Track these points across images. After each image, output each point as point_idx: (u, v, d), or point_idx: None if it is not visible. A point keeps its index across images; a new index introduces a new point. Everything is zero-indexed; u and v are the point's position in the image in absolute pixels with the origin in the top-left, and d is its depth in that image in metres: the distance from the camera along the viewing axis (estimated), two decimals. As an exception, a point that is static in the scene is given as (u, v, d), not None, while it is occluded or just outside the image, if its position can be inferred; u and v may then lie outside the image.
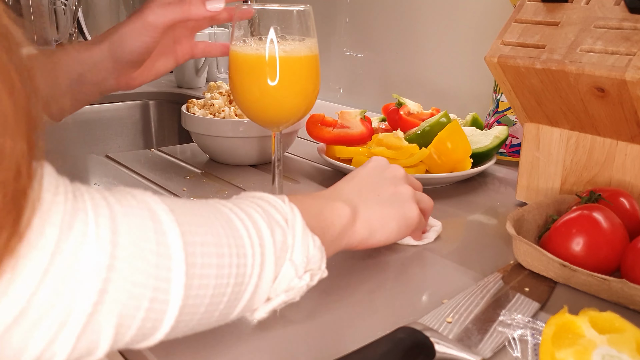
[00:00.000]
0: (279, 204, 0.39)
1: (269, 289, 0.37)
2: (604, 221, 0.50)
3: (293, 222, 0.39)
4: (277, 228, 0.38)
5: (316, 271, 0.41)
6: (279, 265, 0.38)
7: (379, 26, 1.21)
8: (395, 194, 0.51)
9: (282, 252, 0.38)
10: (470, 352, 0.39)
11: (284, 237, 0.38)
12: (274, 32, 0.54)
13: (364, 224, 0.48)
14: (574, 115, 0.61)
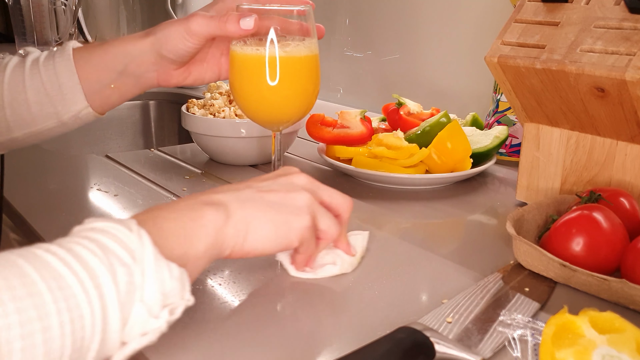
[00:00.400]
0: (124, 235, 0.34)
1: (120, 337, 0.33)
2: (604, 221, 0.50)
3: (142, 256, 0.34)
4: (120, 268, 0.33)
5: (178, 303, 0.36)
6: (127, 310, 0.33)
7: (379, 26, 1.21)
8: (285, 198, 0.45)
9: (128, 295, 0.33)
10: (470, 352, 0.39)
11: (130, 277, 0.33)
12: (274, 32, 0.54)
13: (237, 227, 0.42)
14: (574, 115, 0.61)
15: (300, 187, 0.47)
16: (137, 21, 2.14)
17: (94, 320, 0.31)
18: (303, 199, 0.46)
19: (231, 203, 0.42)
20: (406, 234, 0.61)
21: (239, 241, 0.42)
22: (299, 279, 0.50)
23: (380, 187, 0.76)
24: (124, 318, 0.33)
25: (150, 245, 0.35)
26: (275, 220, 0.44)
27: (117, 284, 0.32)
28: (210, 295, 0.48)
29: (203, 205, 0.41)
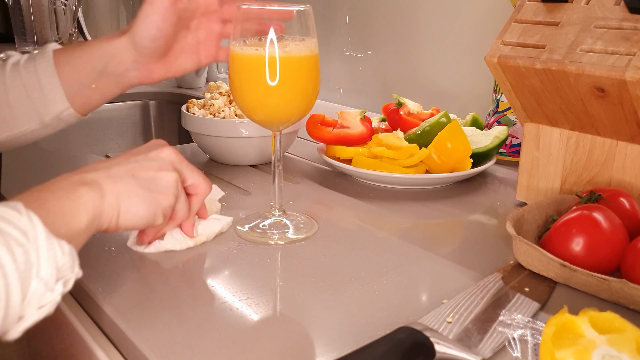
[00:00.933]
0: (15, 218, 0.36)
1: (20, 310, 0.36)
2: (604, 221, 0.50)
3: (34, 235, 0.37)
4: (17, 248, 0.35)
5: (69, 276, 0.39)
6: (26, 286, 0.36)
7: (379, 26, 1.21)
8: (152, 179, 0.48)
9: (27, 272, 0.36)
10: (470, 352, 0.39)
11: (27, 256, 0.36)
12: (274, 32, 0.54)
13: (111, 205, 0.45)
14: (574, 115, 0.61)
15: (168, 164, 0.50)
16: (137, 21, 2.14)
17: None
18: (170, 179, 0.50)
19: (104, 181, 0.45)
20: (406, 234, 0.61)
21: (114, 217, 0.46)
22: (300, 279, 0.51)
23: (380, 187, 0.76)
24: (24, 292, 0.36)
25: (40, 226, 0.37)
26: (146, 199, 0.47)
27: (16, 262, 0.35)
28: (210, 295, 0.48)
29: (78, 185, 0.44)
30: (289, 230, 0.60)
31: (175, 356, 0.40)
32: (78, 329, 0.49)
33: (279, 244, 0.58)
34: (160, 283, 0.50)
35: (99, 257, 0.54)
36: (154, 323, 0.44)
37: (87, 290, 0.49)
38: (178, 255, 0.55)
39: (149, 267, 0.53)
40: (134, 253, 0.55)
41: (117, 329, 0.44)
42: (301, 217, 0.64)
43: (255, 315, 0.45)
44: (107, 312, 0.46)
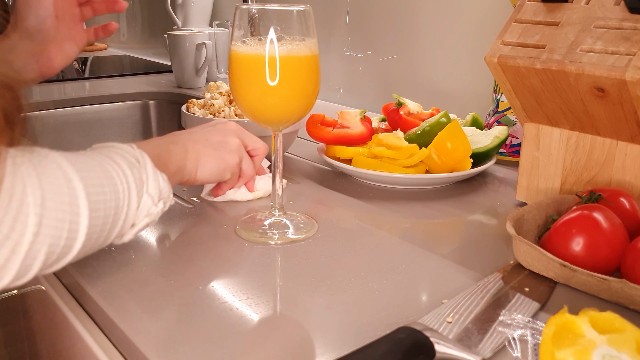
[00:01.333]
0: (130, 150, 0.49)
1: (134, 215, 0.47)
2: (604, 221, 0.50)
3: (144, 163, 0.49)
4: (134, 168, 0.47)
5: (167, 199, 0.51)
6: (140, 196, 0.47)
7: (379, 26, 1.21)
8: (222, 142, 0.62)
9: (140, 187, 0.47)
10: (470, 352, 0.39)
11: (140, 175, 0.48)
12: (274, 32, 0.54)
13: (192, 160, 0.59)
14: (574, 115, 0.61)
15: (233, 132, 0.64)
16: (137, 21, 2.14)
17: (124, 196, 0.45)
18: (235, 142, 0.63)
19: (187, 142, 0.59)
20: (406, 234, 0.61)
21: (194, 170, 0.59)
22: (300, 279, 0.51)
23: (380, 187, 0.76)
24: (138, 201, 0.47)
25: (147, 158, 0.49)
26: (218, 157, 0.61)
27: (134, 177, 0.47)
28: (210, 295, 0.48)
29: (169, 143, 0.57)
30: (289, 230, 0.60)
31: (175, 356, 0.40)
32: (78, 329, 0.49)
33: (279, 244, 0.58)
34: (160, 283, 0.50)
35: (98, 257, 0.54)
36: (154, 323, 0.44)
37: (87, 290, 0.49)
38: (178, 254, 0.55)
39: (149, 267, 0.53)
40: (135, 254, 0.55)
41: (117, 329, 0.44)
42: (301, 217, 0.64)
43: (255, 315, 0.45)
44: (108, 312, 0.46)
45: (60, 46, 0.71)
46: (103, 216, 0.43)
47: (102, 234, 0.44)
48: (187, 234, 0.60)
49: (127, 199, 0.46)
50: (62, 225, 0.40)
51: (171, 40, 1.42)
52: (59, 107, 1.33)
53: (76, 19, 0.73)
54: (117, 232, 0.46)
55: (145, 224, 0.49)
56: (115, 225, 0.45)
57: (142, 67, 1.81)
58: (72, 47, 0.73)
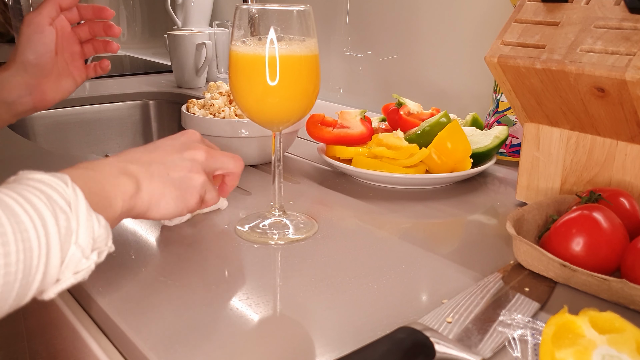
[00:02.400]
0: (61, 188, 0.40)
1: (58, 272, 0.39)
2: (604, 221, 0.50)
3: (76, 206, 0.40)
4: (61, 214, 0.39)
5: (103, 248, 0.43)
6: (65, 250, 0.39)
7: (379, 26, 1.21)
8: (185, 179, 0.54)
9: (67, 237, 0.39)
10: (470, 352, 0.39)
11: (68, 223, 0.39)
12: (274, 32, 0.54)
13: (145, 199, 0.50)
14: (574, 115, 0.61)
15: (199, 165, 0.55)
16: (137, 21, 2.14)
17: (40, 253, 0.38)
18: (199, 180, 0.54)
19: (143, 177, 0.50)
20: (406, 234, 0.61)
21: (144, 209, 0.50)
22: (300, 279, 0.51)
23: (380, 187, 0.76)
24: (63, 256, 0.39)
25: (83, 199, 0.41)
26: (176, 197, 0.52)
27: (58, 227, 0.39)
28: (211, 295, 0.48)
29: (121, 174, 0.48)
30: (289, 230, 0.60)
31: (175, 356, 0.40)
32: (78, 329, 0.49)
33: (279, 244, 0.58)
34: (160, 283, 0.50)
35: (99, 257, 0.54)
36: (154, 323, 0.44)
37: (87, 290, 0.49)
38: (178, 254, 0.55)
39: (149, 268, 0.53)
40: (134, 254, 0.55)
41: (117, 329, 0.44)
42: (301, 217, 0.64)
43: (255, 315, 0.45)
44: (107, 312, 0.46)
45: (57, 81, 0.74)
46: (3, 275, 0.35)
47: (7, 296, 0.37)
48: (187, 234, 0.60)
49: (44, 256, 0.38)
50: None
51: (171, 40, 1.42)
52: (59, 107, 1.33)
53: (76, 56, 0.76)
54: (32, 292, 0.39)
55: (74, 282, 0.41)
56: (27, 284, 0.38)
57: (142, 67, 1.81)
58: (69, 83, 0.76)
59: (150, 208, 0.50)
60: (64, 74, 0.75)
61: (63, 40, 0.74)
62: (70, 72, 0.76)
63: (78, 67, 0.77)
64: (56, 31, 0.73)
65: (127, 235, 0.59)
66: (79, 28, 0.77)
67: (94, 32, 0.77)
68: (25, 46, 0.70)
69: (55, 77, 0.74)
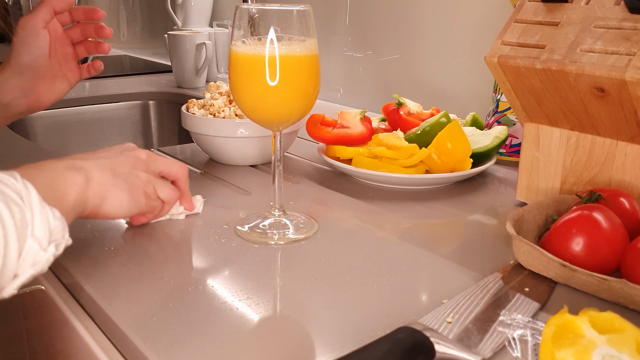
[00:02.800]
0: (11, 183, 0.40)
1: (16, 266, 0.39)
2: (604, 221, 0.50)
3: (29, 199, 0.40)
4: (15, 207, 0.39)
5: (60, 240, 0.42)
6: (22, 242, 0.39)
7: (379, 26, 1.21)
8: (131, 174, 0.54)
9: (22, 229, 0.39)
10: (470, 352, 0.39)
11: (22, 215, 0.39)
12: (274, 32, 0.54)
13: (97, 191, 0.50)
14: (574, 115, 0.61)
15: (141, 163, 0.56)
16: (137, 21, 2.14)
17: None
18: (143, 176, 0.55)
19: (92, 169, 0.50)
20: (406, 234, 0.61)
21: (97, 203, 0.50)
22: (300, 279, 0.51)
23: (380, 187, 0.76)
24: (20, 249, 0.39)
25: (34, 191, 0.41)
26: (126, 191, 0.53)
27: (14, 219, 0.38)
28: (210, 295, 0.48)
29: (68, 169, 0.48)
30: (289, 230, 0.60)
31: (175, 356, 0.40)
32: (78, 329, 0.49)
33: (279, 244, 0.58)
34: (160, 283, 0.50)
35: (98, 257, 0.54)
36: (154, 323, 0.44)
37: (87, 290, 0.49)
38: (178, 255, 0.55)
39: (148, 268, 0.53)
40: (134, 253, 0.55)
41: (116, 329, 0.44)
42: (301, 217, 0.64)
43: (255, 315, 0.45)
44: (107, 312, 0.46)
45: (51, 83, 0.75)
46: None
47: None
48: (187, 234, 0.60)
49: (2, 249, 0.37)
50: None
51: (171, 40, 1.42)
52: (59, 107, 1.33)
53: (69, 58, 0.78)
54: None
55: (33, 274, 0.40)
56: None
57: (142, 67, 1.81)
58: (63, 84, 0.77)
59: (104, 202, 0.50)
60: (58, 75, 0.76)
61: (56, 42, 0.76)
62: (64, 73, 0.77)
63: (71, 69, 0.78)
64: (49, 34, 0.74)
65: (127, 235, 0.59)
66: (70, 30, 0.78)
67: (85, 34, 0.78)
68: (20, 49, 0.71)
69: (49, 79, 0.75)
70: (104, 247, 0.56)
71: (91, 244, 0.57)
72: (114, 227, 0.61)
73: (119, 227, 0.61)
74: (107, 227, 0.61)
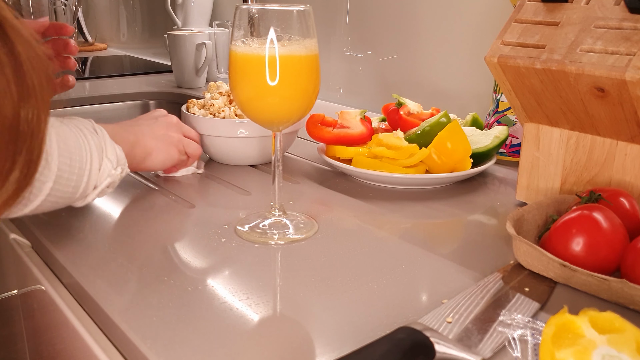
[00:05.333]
0: (89, 124, 0.58)
1: (97, 177, 0.56)
2: (604, 221, 0.50)
3: (102, 134, 0.58)
4: (94, 135, 0.56)
5: (124, 166, 0.59)
6: (100, 159, 0.56)
7: (379, 26, 1.21)
8: (165, 135, 0.71)
9: (99, 151, 0.56)
10: (470, 352, 0.39)
11: (99, 141, 0.57)
12: (274, 32, 0.54)
13: (141, 152, 0.67)
14: (574, 115, 0.61)
15: (174, 125, 0.74)
16: (137, 21, 2.14)
17: (87, 161, 0.55)
18: (175, 136, 0.73)
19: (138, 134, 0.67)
20: (406, 234, 0.61)
21: (141, 159, 0.67)
22: (300, 279, 0.51)
23: (380, 187, 0.76)
24: (99, 163, 0.56)
25: (104, 131, 0.59)
26: (162, 149, 0.70)
27: (95, 143, 0.56)
28: (210, 295, 0.48)
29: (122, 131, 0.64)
30: (289, 230, 0.60)
31: (175, 356, 0.40)
32: (78, 329, 0.49)
33: (279, 244, 0.58)
34: (160, 283, 0.50)
35: (98, 257, 0.54)
36: (154, 323, 0.44)
37: (87, 290, 0.49)
38: (178, 255, 0.55)
39: (148, 267, 0.53)
40: (134, 253, 0.55)
41: (116, 329, 0.44)
42: (301, 217, 0.64)
43: (255, 315, 0.45)
44: (107, 312, 0.46)
45: None
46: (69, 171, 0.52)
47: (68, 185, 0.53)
48: (187, 234, 0.60)
49: (89, 162, 0.54)
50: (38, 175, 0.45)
51: (171, 40, 1.42)
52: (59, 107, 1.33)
53: None
54: (82, 188, 0.55)
55: (108, 184, 0.57)
56: (79, 179, 0.54)
57: (142, 67, 1.81)
58: None
59: (146, 158, 0.68)
60: None
61: None
62: None
63: None
64: None
65: (127, 235, 0.59)
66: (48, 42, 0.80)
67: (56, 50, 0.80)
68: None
69: None
70: (104, 247, 0.56)
71: (91, 244, 0.57)
72: (114, 227, 0.61)
73: (119, 227, 0.61)
74: (108, 227, 0.61)
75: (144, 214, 0.65)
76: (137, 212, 0.65)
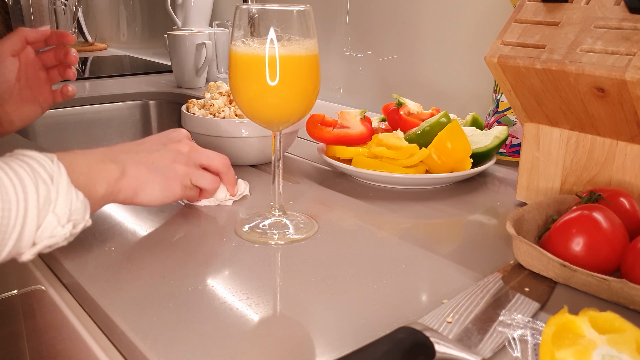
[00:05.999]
0: (47, 164, 0.46)
1: (33, 236, 0.45)
2: (604, 221, 0.50)
3: (58, 180, 0.46)
4: (42, 185, 0.45)
5: (79, 221, 0.48)
6: (42, 217, 0.45)
7: (379, 26, 1.21)
8: (170, 167, 0.60)
9: (45, 206, 0.45)
10: (470, 352, 0.39)
11: (48, 193, 0.45)
12: (274, 32, 0.54)
13: (131, 183, 0.55)
14: (574, 115, 0.61)
15: (182, 157, 0.61)
16: (137, 21, 2.14)
17: (17, 215, 0.43)
18: (181, 169, 0.60)
19: (129, 164, 0.56)
20: (406, 234, 0.61)
21: (131, 193, 0.56)
22: (300, 279, 0.51)
23: (380, 187, 0.76)
24: (39, 222, 0.45)
25: (65, 175, 0.47)
26: (160, 183, 0.58)
27: (38, 195, 0.44)
28: (210, 295, 0.48)
29: (107, 160, 0.54)
30: (289, 230, 0.60)
31: (175, 356, 0.40)
32: (78, 329, 0.49)
33: (279, 244, 0.58)
34: (160, 283, 0.50)
35: (98, 257, 0.54)
36: (154, 323, 0.44)
37: (87, 290, 0.49)
38: (178, 255, 0.55)
39: (149, 267, 0.53)
40: (134, 253, 0.55)
41: (117, 329, 0.44)
42: (301, 217, 0.64)
43: (255, 315, 0.45)
44: (107, 312, 0.46)
45: (20, 107, 0.77)
46: None
47: None
48: (187, 233, 0.60)
49: (21, 218, 0.43)
50: None
51: (171, 40, 1.42)
52: (59, 107, 1.33)
53: (41, 82, 0.79)
54: (7, 251, 0.44)
55: (48, 244, 0.46)
56: (4, 243, 0.43)
57: (142, 67, 1.81)
58: (34, 109, 0.79)
59: (137, 192, 0.56)
60: (28, 100, 0.78)
61: (27, 67, 0.77)
62: (36, 98, 0.78)
63: (44, 93, 0.79)
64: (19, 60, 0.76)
65: (127, 235, 0.59)
66: (44, 54, 0.79)
67: (58, 58, 0.79)
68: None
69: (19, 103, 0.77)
70: (104, 247, 0.56)
71: (91, 244, 0.57)
72: (114, 227, 0.61)
73: (120, 227, 0.61)
74: (108, 227, 0.61)
75: (144, 214, 0.65)
76: (137, 212, 0.65)
